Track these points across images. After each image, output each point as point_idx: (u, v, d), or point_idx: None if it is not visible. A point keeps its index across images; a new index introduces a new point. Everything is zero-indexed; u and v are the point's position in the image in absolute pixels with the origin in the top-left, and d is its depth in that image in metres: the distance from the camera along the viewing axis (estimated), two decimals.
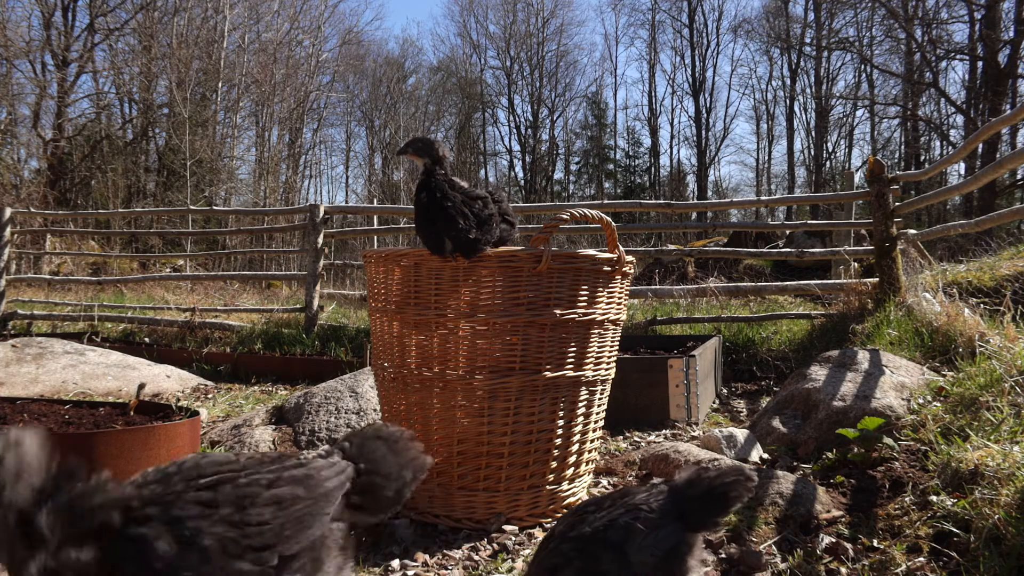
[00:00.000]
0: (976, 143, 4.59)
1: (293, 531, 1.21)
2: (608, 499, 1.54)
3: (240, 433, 3.26)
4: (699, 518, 1.48)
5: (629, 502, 1.48)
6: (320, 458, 1.35)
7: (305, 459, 1.33)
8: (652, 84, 36.72)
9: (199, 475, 1.21)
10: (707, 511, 1.48)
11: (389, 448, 1.39)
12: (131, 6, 22.40)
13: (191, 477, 1.20)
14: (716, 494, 1.47)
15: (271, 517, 1.19)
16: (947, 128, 26.23)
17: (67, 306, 8.56)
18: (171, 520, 1.12)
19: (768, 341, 5.62)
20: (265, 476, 1.24)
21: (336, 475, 1.31)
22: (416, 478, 1.40)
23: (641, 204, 7.62)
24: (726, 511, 1.49)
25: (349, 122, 35.20)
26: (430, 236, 2.20)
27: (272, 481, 1.24)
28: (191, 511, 1.14)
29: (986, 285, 4.85)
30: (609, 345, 2.48)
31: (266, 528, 1.18)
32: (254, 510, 1.18)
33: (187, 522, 1.12)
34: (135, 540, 1.11)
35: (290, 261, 14.07)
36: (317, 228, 6.99)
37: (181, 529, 1.12)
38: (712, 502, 1.48)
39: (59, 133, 20.55)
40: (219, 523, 1.14)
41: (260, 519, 1.18)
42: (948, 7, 25.25)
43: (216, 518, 1.15)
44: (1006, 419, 2.28)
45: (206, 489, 1.18)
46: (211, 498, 1.17)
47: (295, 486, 1.25)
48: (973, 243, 9.51)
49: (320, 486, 1.27)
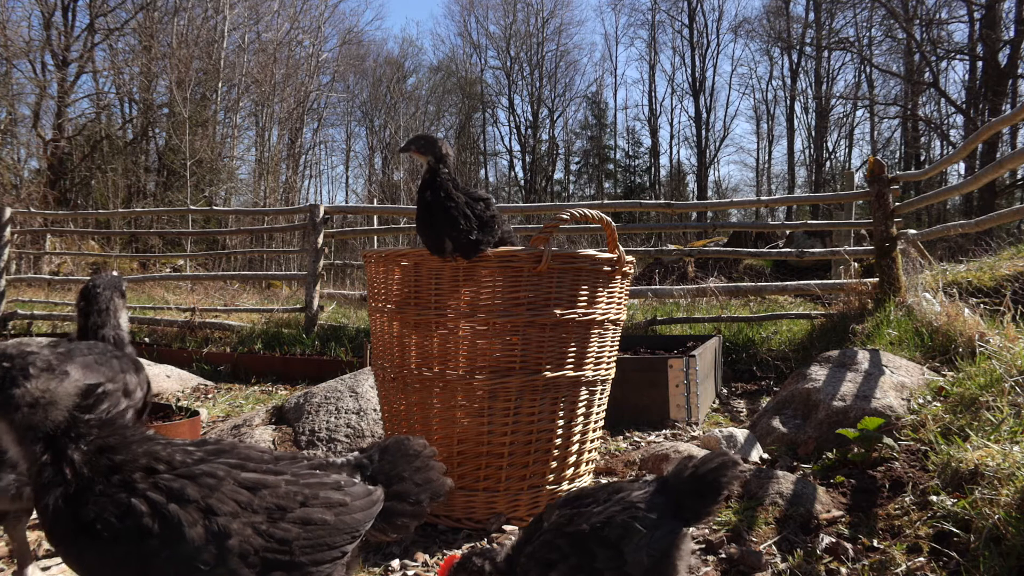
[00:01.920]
0: (976, 143, 4.59)
1: (309, 555, 1.18)
2: (602, 492, 1.54)
3: (240, 433, 3.26)
4: (693, 511, 1.48)
5: (625, 499, 1.48)
6: (355, 483, 1.29)
7: (344, 481, 1.28)
8: (652, 84, 36.76)
9: (241, 467, 1.20)
10: (700, 502, 1.48)
11: (414, 469, 1.35)
12: (131, 6, 22.40)
13: (233, 465, 1.20)
14: (707, 482, 1.48)
15: (295, 537, 1.17)
16: (947, 128, 26.24)
17: (67, 306, 8.55)
18: (207, 509, 1.12)
19: (768, 341, 5.62)
20: (302, 491, 1.21)
21: (366, 508, 1.26)
22: (434, 500, 1.36)
23: (641, 204, 7.62)
24: (718, 499, 1.49)
25: (349, 122, 35.23)
26: (431, 236, 2.20)
27: (307, 499, 1.21)
28: (227, 506, 1.13)
29: (986, 285, 4.85)
30: (609, 345, 2.48)
31: (285, 546, 1.16)
32: (283, 524, 1.16)
33: (219, 517, 1.12)
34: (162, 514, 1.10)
35: (290, 261, 14.07)
36: (317, 228, 6.99)
37: (213, 521, 1.11)
38: (704, 491, 1.48)
39: (59, 133, 20.55)
40: (248, 526, 1.13)
41: (285, 535, 1.16)
42: (948, 7, 25.28)
43: (246, 520, 1.13)
44: (1006, 419, 2.28)
45: (248, 488, 1.16)
46: (248, 500, 1.15)
47: (326, 511, 1.22)
48: (973, 243, 9.51)
49: (350, 516, 1.24)
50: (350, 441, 3.19)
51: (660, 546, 1.43)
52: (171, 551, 1.08)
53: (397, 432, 2.43)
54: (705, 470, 1.49)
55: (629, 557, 1.41)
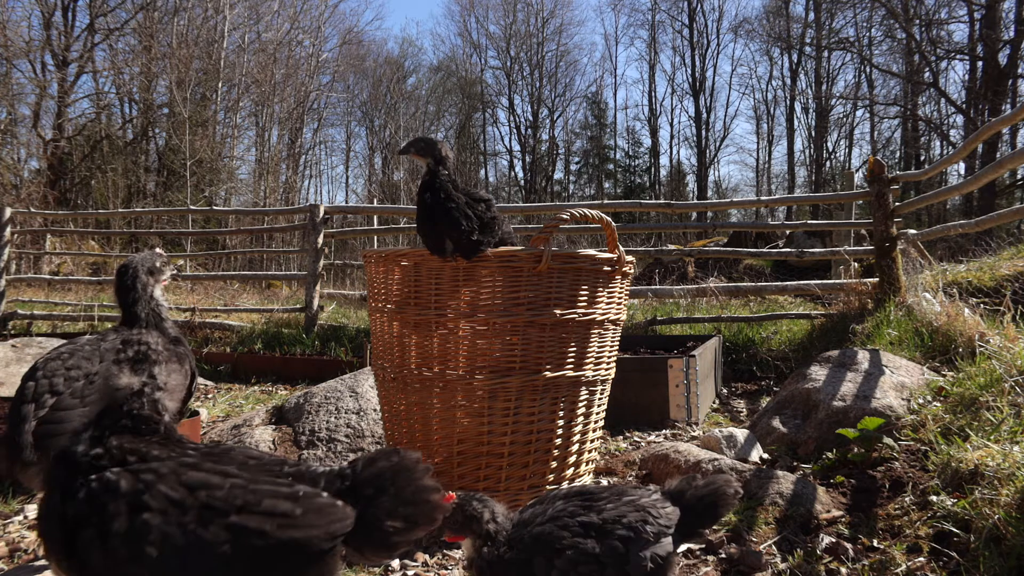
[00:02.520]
0: (976, 143, 4.59)
1: (237, 569, 1.08)
2: (607, 492, 1.57)
3: (240, 433, 3.26)
4: (690, 528, 1.54)
5: (636, 503, 1.51)
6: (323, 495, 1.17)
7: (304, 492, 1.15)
8: (652, 84, 36.76)
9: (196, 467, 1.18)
10: (699, 522, 1.55)
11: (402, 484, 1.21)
12: (131, 6, 22.39)
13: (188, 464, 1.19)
14: (707, 503, 1.55)
15: (222, 541, 1.08)
16: (947, 128, 26.24)
17: (67, 306, 8.56)
18: (136, 505, 1.12)
19: (768, 341, 5.62)
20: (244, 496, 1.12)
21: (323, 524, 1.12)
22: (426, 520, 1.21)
23: (641, 204, 7.62)
24: (716, 521, 1.58)
25: (349, 122, 35.23)
26: (431, 236, 2.20)
27: (245, 505, 1.11)
28: (156, 503, 1.12)
29: (986, 285, 4.85)
30: (609, 345, 2.48)
31: (211, 554, 1.08)
32: (212, 527, 1.09)
33: (144, 513, 1.12)
34: (98, 505, 1.12)
35: (290, 261, 14.07)
36: (317, 228, 6.99)
37: (136, 518, 1.11)
38: (703, 513, 1.55)
39: (59, 133, 20.54)
40: (175, 525, 1.10)
41: (215, 539, 1.08)
42: (948, 7, 25.27)
43: (173, 518, 1.10)
44: (1006, 419, 2.28)
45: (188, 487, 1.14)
46: (182, 498, 1.12)
47: (265, 520, 1.10)
48: (973, 243, 9.51)
49: (298, 529, 1.10)
50: (350, 441, 3.19)
51: (663, 554, 1.45)
52: (102, 541, 1.10)
53: (397, 432, 2.43)
54: (706, 492, 1.56)
55: (633, 558, 1.41)
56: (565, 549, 1.42)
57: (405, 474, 1.21)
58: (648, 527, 1.45)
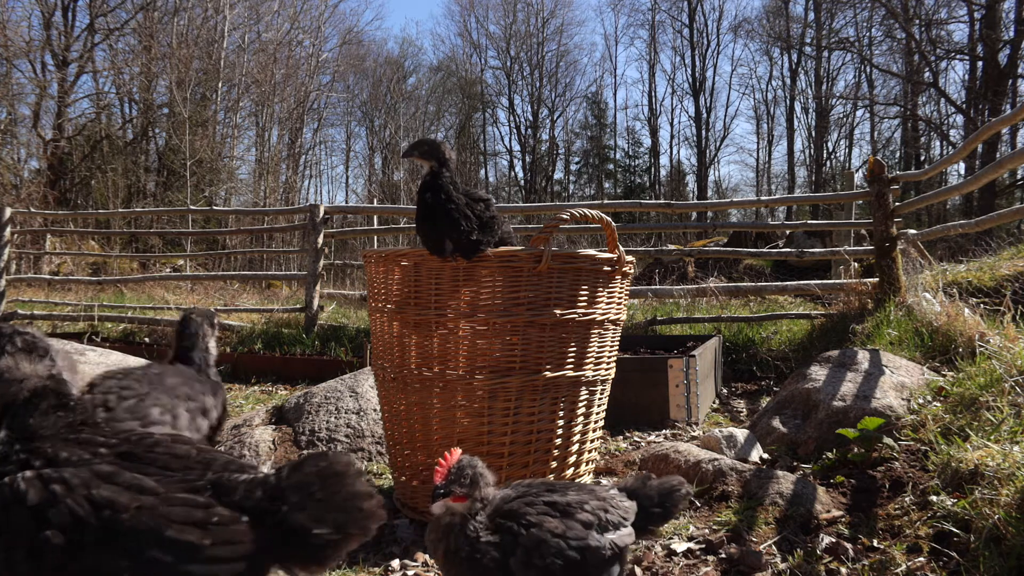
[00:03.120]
0: (976, 143, 4.59)
1: None
2: (573, 485, 1.60)
3: (240, 433, 3.26)
4: (644, 524, 1.58)
5: (597, 494, 1.54)
6: (241, 520, 1.09)
7: (217, 518, 1.08)
8: (652, 84, 36.73)
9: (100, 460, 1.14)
10: (651, 519, 1.60)
11: (332, 492, 1.13)
12: (131, 6, 22.39)
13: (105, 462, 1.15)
14: (660, 502, 1.60)
15: (122, 569, 1.03)
16: (947, 128, 26.23)
17: (67, 306, 8.56)
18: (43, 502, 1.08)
19: (768, 341, 5.62)
20: (150, 521, 1.06)
21: (237, 557, 1.05)
22: (360, 531, 1.13)
23: (641, 204, 7.62)
24: (667, 520, 1.63)
25: (349, 122, 35.22)
26: (431, 236, 2.20)
27: (149, 531, 1.05)
28: None
29: (986, 285, 4.85)
30: (609, 345, 2.48)
31: None
32: (110, 554, 1.04)
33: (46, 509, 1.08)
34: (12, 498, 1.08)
35: (290, 261, 14.07)
36: (317, 228, 6.99)
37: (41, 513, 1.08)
38: (657, 511, 1.60)
39: (59, 133, 20.54)
40: (78, 547, 1.05)
41: (113, 568, 1.03)
42: (948, 7, 25.27)
43: (79, 540, 1.05)
44: (1006, 419, 2.28)
45: (90, 504, 1.07)
46: (86, 516, 1.06)
47: (168, 551, 1.04)
48: (973, 243, 9.51)
49: (201, 564, 1.04)
50: (350, 441, 3.19)
51: (620, 544, 1.49)
52: (9, 535, 1.07)
53: (397, 432, 2.43)
54: (661, 491, 1.61)
55: (593, 542, 1.43)
56: (531, 526, 1.41)
57: (335, 479, 1.13)
58: (608, 515, 1.48)
